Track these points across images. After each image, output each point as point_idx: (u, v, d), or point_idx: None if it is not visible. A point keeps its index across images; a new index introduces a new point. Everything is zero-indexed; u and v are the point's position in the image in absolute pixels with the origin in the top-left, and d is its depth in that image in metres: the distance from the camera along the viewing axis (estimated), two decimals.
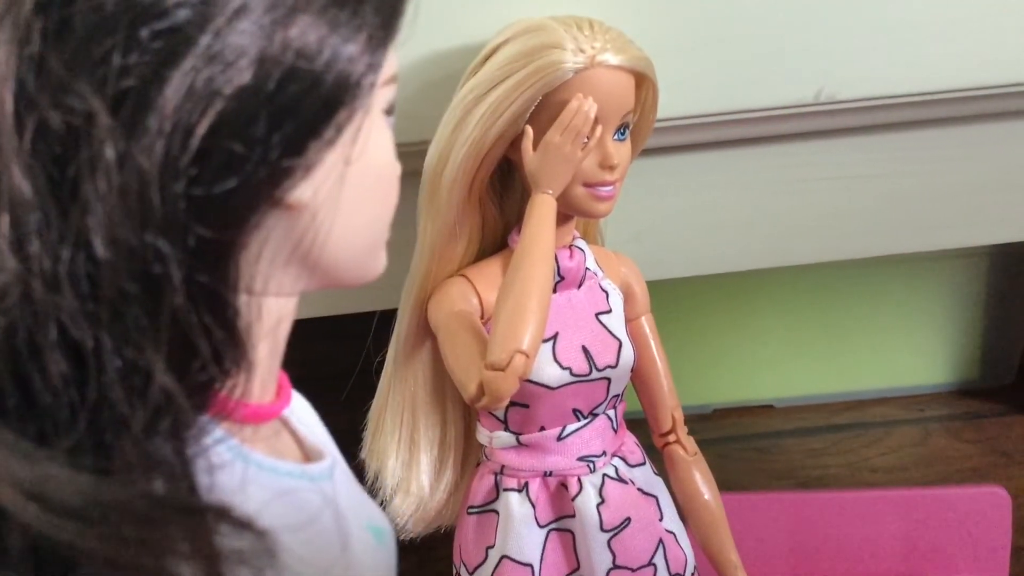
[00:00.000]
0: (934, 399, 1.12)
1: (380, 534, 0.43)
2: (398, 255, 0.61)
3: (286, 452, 0.40)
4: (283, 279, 0.36)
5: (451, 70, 0.58)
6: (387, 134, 0.38)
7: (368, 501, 0.44)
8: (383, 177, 0.38)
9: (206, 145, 0.30)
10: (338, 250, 0.37)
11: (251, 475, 0.35)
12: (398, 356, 0.60)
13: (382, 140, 0.37)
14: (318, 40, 0.32)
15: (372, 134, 0.36)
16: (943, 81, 0.64)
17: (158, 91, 0.29)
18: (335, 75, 0.32)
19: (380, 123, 0.37)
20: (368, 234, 0.38)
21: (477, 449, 0.62)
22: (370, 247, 0.39)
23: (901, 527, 0.82)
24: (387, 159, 0.38)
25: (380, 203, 0.38)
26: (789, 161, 0.68)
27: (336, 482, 0.41)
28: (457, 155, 0.54)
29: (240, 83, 0.30)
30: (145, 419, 0.30)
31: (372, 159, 0.36)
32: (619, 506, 0.58)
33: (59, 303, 0.29)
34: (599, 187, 0.55)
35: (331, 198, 0.35)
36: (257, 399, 0.37)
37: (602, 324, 0.58)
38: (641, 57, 0.54)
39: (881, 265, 1.05)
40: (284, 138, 0.31)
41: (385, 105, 0.37)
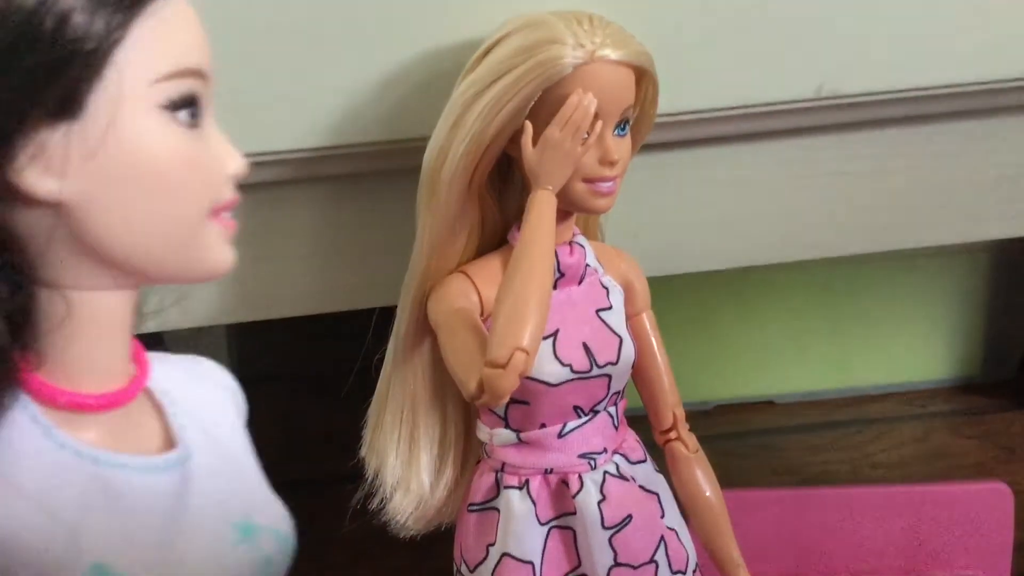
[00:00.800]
0: (935, 395, 1.12)
1: (251, 532, 0.43)
2: (397, 252, 0.62)
3: (136, 440, 0.40)
4: (79, 273, 0.36)
5: (451, 66, 0.57)
6: (162, 130, 0.36)
7: (256, 498, 0.44)
8: (157, 174, 0.36)
9: None
10: (125, 248, 0.36)
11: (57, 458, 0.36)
12: (397, 354, 0.60)
13: (152, 135, 0.36)
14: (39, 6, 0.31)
15: (136, 129, 0.35)
16: (945, 76, 0.64)
17: None
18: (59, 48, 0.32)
19: (151, 116, 0.36)
20: (159, 232, 0.37)
21: (477, 446, 0.62)
22: (170, 242, 0.38)
23: (903, 523, 0.82)
24: (160, 155, 0.36)
25: (161, 201, 0.37)
26: (790, 157, 0.67)
27: (191, 474, 0.41)
28: (456, 151, 0.54)
29: None
30: None
31: (136, 156, 0.35)
32: (620, 503, 0.58)
33: None
34: (599, 183, 0.55)
35: (87, 194, 0.34)
36: (88, 388, 0.37)
37: (603, 321, 0.58)
38: (641, 52, 0.54)
39: (882, 261, 1.05)
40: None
41: (163, 100, 0.36)
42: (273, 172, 0.62)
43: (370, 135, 0.61)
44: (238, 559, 0.42)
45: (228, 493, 0.42)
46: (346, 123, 0.60)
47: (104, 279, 0.37)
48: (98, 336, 0.38)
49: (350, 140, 0.61)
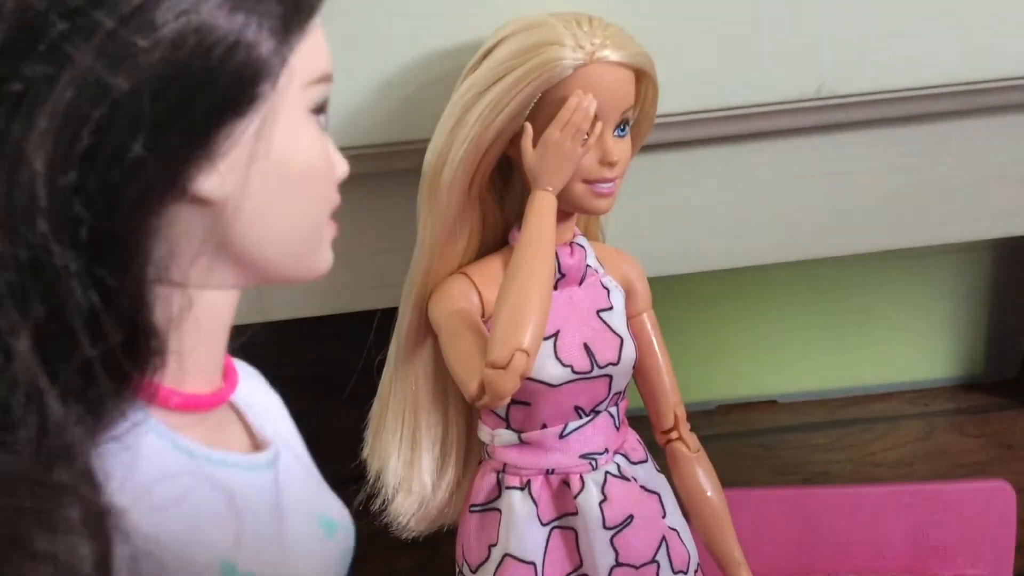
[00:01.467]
0: (938, 394, 1.12)
1: (332, 528, 0.43)
2: (398, 254, 0.62)
3: (229, 441, 0.40)
4: (209, 272, 0.36)
5: (450, 67, 0.57)
6: (311, 133, 0.37)
7: (324, 495, 0.45)
8: (305, 175, 0.37)
9: (98, 135, 0.30)
10: (263, 246, 0.37)
11: (177, 460, 0.36)
12: (399, 355, 0.60)
13: (303, 138, 0.37)
14: (219, 30, 0.32)
15: (291, 132, 0.36)
16: (944, 75, 0.64)
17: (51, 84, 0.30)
18: (235, 67, 0.32)
19: (302, 121, 0.37)
20: (295, 231, 0.38)
21: (479, 447, 0.62)
22: (301, 244, 0.38)
23: (905, 522, 0.82)
24: (309, 157, 0.37)
25: (303, 201, 0.38)
26: (791, 156, 0.67)
27: (281, 472, 0.41)
28: (457, 153, 0.54)
29: (136, 73, 0.30)
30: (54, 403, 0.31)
31: (290, 157, 0.36)
32: (621, 503, 0.58)
33: None
34: (599, 184, 0.55)
35: (244, 194, 0.35)
36: (195, 388, 0.38)
37: (603, 321, 0.58)
38: (641, 53, 0.54)
39: (884, 260, 1.04)
40: (181, 128, 0.32)
41: (311, 104, 0.37)
42: None
43: (370, 137, 0.61)
44: (328, 554, 0.43)
45: (308, 491, 0.43)
46: (346, 125, 0.60)
47: (229, 278, 0.37)
48: (209, 335, 0.38)
49: (350, 142, 0.61)
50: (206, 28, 0.32)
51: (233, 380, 0.41)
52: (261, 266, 0.37)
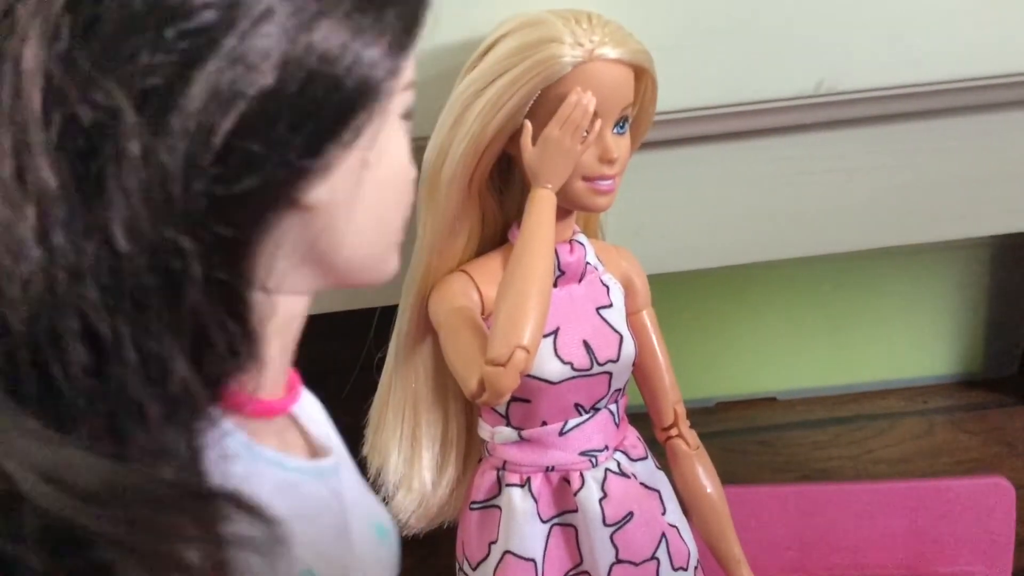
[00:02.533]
0: (937, 391, 1.12)
1: (383, 532, 0.44)
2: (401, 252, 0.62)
3: (293, 447, 0.40)
4: (297, 278, 0.37)
5: (450, 65, 0.57)
6: (404, 138, 0.38)
7: (372, 499, 0.45)
8: (399, 180, 0.38)
9: (228, 145, 0.31)
10: (352, 251, 0.37)
11: (258, 468, 0.36)
12: (399, 353, 0.60)
13: (399, 144, 0.38)
14: (340, 44, 0.32)
15: (390, 138, 0.37)
16: (943, 72, 0.64)
17: (182, 90, 0.30)
18: (355, 79, 0.33)
19: (397, 128, 0.38)
20: (382, 236, 0.38)
21: (479, 445, 0.62)
22: (384, 249, 0.39)
23: (905, 519, 0.82)
24: (403, 163, 0.39)
25: (395, 206, 0.39)
26: (790, 153, 0.67)
27: (342, 479, 0.41)
28: (456, 150, 0.54)
29: (262, 85, 0.31)
30: (161, 409, 0.30)
31: (388, 163, 0.37)
32: (621, 500, 0.58)
33: (81, 294, 0.29)
34: (599, 181, 0.55)
35: (347, 200, 0.36)
36: (268, 395, 0.38)
37: (603, 318, 0.58)
38: (640, 50, 0.54)
39: (883, 257, 1.05)
40: (304, 140, 0.32)
41: (402, 110, 0.38)
42: None
43: None
44: (385, 557, 0.43)
45: (362, 497, 0.43)
46: None
47: (311, 282, 0.38)
48: (285, 339, 0.38)
49: None
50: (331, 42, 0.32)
51: (297, 386, 0.41)
52: (344, 270, 0.38)
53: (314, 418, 0.43)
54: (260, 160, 0.31)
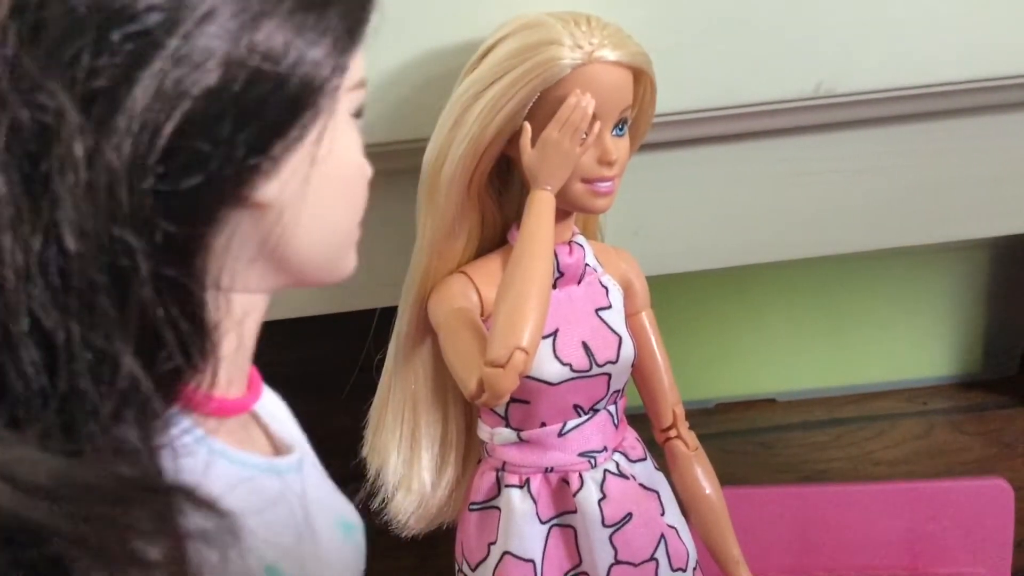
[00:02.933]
0: (936, 392, 1.12)
1: (349, 529, 0.44)
2: (398, 253, 0.62)
3: (254, 445, 0.41)
4: (250, 275, 0.37)
5: (449, 66, 0.58)
6: (354, 136, 0.38)
7: (338, 497, 0.45)
8: (349, 178, 0.38)
9: (173, 144, 0.31)
10: (305, 249, 0.37)
11: (215, 464, 0.36)
12: (399, 354, 0.60)
13: (349, 142, 0.38)
14: (284, 44, 0.33)
15: (338, 136, 0.37)
16: (942, 74, 0.64)
17: (127, 91, 0.30)
18: (300, 78, 0.33)
19: (347, 126, 0.38)
20: (335, 234, 0.39)
21: (478, 446, 0.62)
22: (338, 247, 0.39)
23: (904, 520, 0.82)
24: (354, 161, 0.39)
25: (347, 204, 0.39)
26: (789, 155, 0.68)
27: (304, 476, 0.41)
28: (456, 152, 0.54)
29: (207, 84, 0.31)
30: (113, 406, 0.31)
31: (338, 160, 0.37)
32: (620, 501, 0.58)
33: (31, 293, 0.30)
34: (598, 183, 0.55)
35: (297, 197, 0.36)
36: (224, 392, 0.38)
37: (602, 320, 0.58)
38: (639, 53, 0.54)
39: (882, 258, 1.05)
40: (250, 138, 0.33)
41: (353, 108, 0.38)
42: None
43: (369, 136, 0.60)
44: (350, 554, 0.43)
45: (327, 494, 0.43)
46: None
47: (267, 281, 0.38)
48: (244, 338, 0.38)
49: None
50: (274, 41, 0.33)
51: (258, 385, 0.41)
52: (298, 268, 0.38)
53: (276, 416, 0.43)
54: (206, 158, 0.32)
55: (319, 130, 0.35)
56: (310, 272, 0.39)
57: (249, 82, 0.32)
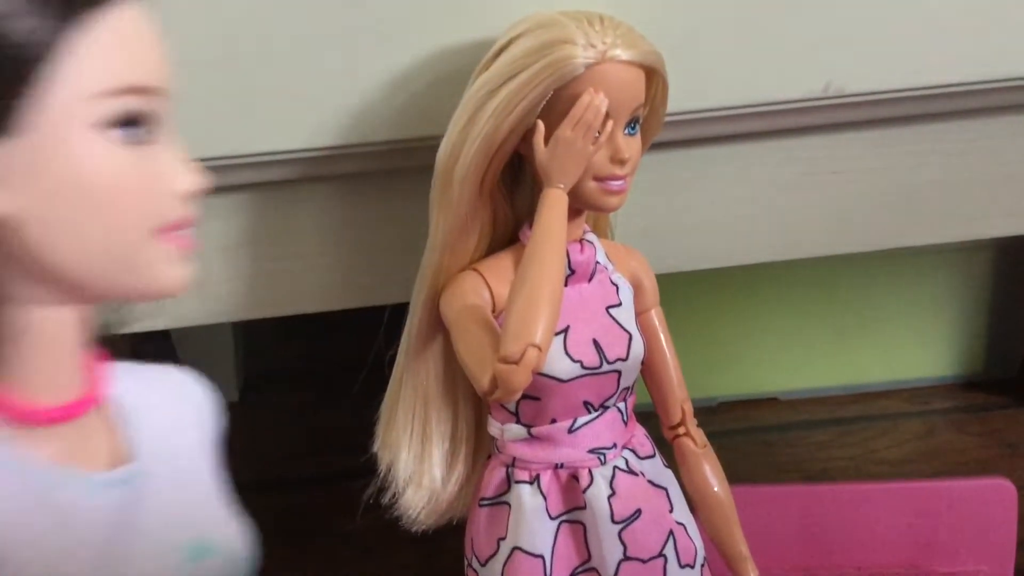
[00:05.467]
0: (939, 392, 1.13)
1: (202, 552, 0.42)
2: (406, 250, 0.62)
3: (85, 455, 0.39)
4: (24, 288, 0.36)
5: (462, 65, 0.58)
6: (99, 146, 0.35)
7: (210, 518, 0.43)
8: (92, 190, 0.35)
9: None
10: (66, 262, 0.36)
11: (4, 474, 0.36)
12: (410, 350, 0.60)
13: (91, 153, 0.35)
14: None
15: (74, 143, 0.35)
16: (950, 75, 0.64)
17: None
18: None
19: (87, 134, 0.35)
20: (98, 251, 0.36)
21: (488, 442, 0.62)
22: (112, 263, 0.37)
23: (907, 519, 0.83)
24: (99, 172, 0.35)
25: (97, 217, 0.36)
26: (797, 155, 0.68)
27: (140, 490, 0.40)
28: (469, 150, 0.54)
29: None
30: None
31: (72, 170, 0.35)
32: (629, 498, 0.59)
33: None
34: (610, 181, 0.55)
35: (31, 209, 0.34)
36: (31, 400, 0.37)
37: (612, 317, 0.59)
38: (651, 52, 0.54)
39: (886, 258, 1.05)
40: None
41: (101, 118, 0.35)
42: (285, 171, 0.62)
43: (382, 134, 0.61)
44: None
45: (181, 512, 0.42)
46: (358, 122, 0.61)
47: (50, 294, 0.37)
48: (47, 350, 0.38)
49: (362, 139, 0.61)
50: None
51: (92, 394, 0.40)
52: (76, 283, 0.37)
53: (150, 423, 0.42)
54: None
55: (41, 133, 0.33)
56: (100, 288, 0.37)
57: None
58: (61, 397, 0.39)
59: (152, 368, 0.45)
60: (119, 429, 0.41)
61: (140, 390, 0.43)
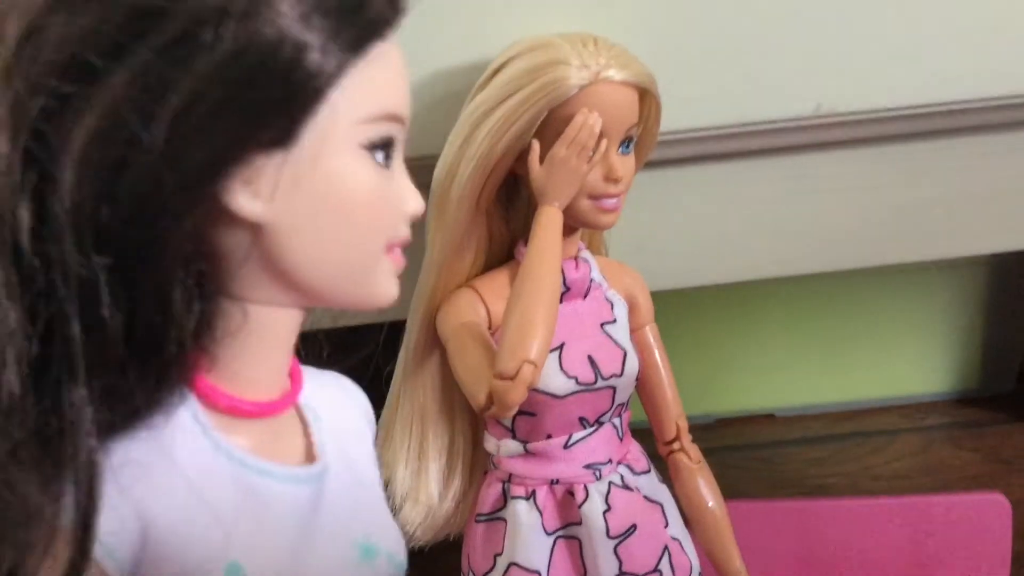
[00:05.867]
0: (935, 408, 1.13)
1: (371, 553, 0.43)
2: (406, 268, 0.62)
3: (281, 451, 0.41)
4: (259, 289, 0.38)
5: (458, 86, 0.59)
6: (361, 168, 0.38)
7: (376, 520, 0.45)
8: (348, 208, 0.38)
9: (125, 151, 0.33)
10: (305, 271, 0.38)
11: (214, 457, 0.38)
12: (407, 367, 0.61)
13: (351, 172, 0.37)
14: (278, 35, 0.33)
15: (337, 164, 0.37)
16: (941, 94, 0.65)
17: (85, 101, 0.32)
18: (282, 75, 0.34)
19: (351, 155, 0.37)
20: (339, 261, 0.38)
21: (485, 458, 0.63)
22: (349, 274, 0.39)
23: (903, 535, 0.83)
24: (353, 191, 0.38)
25: (346, 233, 0.38)
26: (789, 173, 0.69)
27: (324, 489, 0.42)
28: (465, 169, 0.55)
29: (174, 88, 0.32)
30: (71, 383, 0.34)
31: (336, 188, 0.37)
32: (625, 513, 0.59)
33: None
34: (604, 199, 0.56)
35: (288, 218, 0.36)
36: (240, 393, 0.39)
37: (607, 334, 0.59)
38: (644, 72, 0.55)
39: (881, 275, 1.05)
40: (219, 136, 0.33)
41: (364, 141, 0.37)
42: None
43: None
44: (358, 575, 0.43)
45: (355, 512, 0.43)
46: None
47: (283, 297, 0.39)
48: (266, 348, 0.39)
49: None
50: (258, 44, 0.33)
51: (292, 394, 0.42)
52: (311, 289, 0.39)
53: (330, 426, 0.44)
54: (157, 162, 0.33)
55: (311, 151, 0.36)
56: (325, 295, 0.39)
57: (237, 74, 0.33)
58: (267, 393, 0.40)
59: (329, 374, 0.47)
60: (306, 427, 0.43)
61: (323, 394, 0.45)
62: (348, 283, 0.39)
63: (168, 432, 0.36)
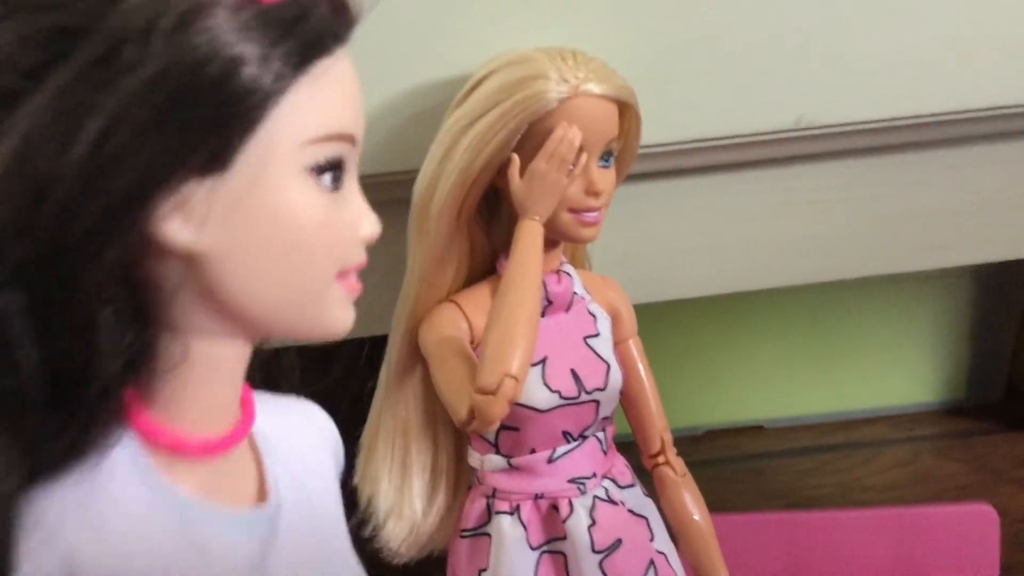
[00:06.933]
0: (923, 418, 1.13)
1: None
2: (386, 283, 0.62)
3: (231, 490, 0.39)
4: (201, 321, 0.36)
5: (438, 100, 0.59)
6: (303, 193, 0.35)
7: (335, 555, 0.43)
8: (292, 232, 0.35)
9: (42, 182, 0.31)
10: (251, 299, 0.36)
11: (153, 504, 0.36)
12: (389, 381, 0.61)
13: (296, 196, 0.35)
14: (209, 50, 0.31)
15: (280, 186, 0.34)
16: (920, 107, 0.65)
17: None
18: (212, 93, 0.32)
19: (295, 178, 0.35)
20: (282, 290, 0.36)
21: (469, 473, 0.62)
22: (293, 304, 0.37)
23: (891, 545, 0.83)
24: (300, 216, 0.35)
25: (291, 257, 0.36)
26: (772, 185, 0.69)
27: (278, 529, 0.40)
28: (445, 183, 0.55)
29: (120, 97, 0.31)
30: None
31: (275, 211, 0.35)
32: (610, 527, 0.59)
33: None
34: (585, 213, 0.56)
35: (225, 247, 0.34)
36: (189, 432, 0.37)
37: (590, 347, 0.59)
38: (624, 86, 0.55)
39: (868, 286, 1.06)
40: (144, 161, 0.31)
41: (310, 163, 0.35)
42: None
43: (360, 168, 0.62)
44: None
45: (310, 553, 0.41)
46: None
47: (226, 328, 0.36)
48: (211, 382, 0.37)
49: None
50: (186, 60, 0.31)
51: (242, 428, 0.40)
52: (250, 320, 0.36)
53: (287, 457, 0.42)
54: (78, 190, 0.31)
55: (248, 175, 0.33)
56: (272, 326, 0.37)
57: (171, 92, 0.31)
58: (214, 429, 0.38)
59: (288, 400, 0.45)
60: (260, 461, 0.41)
61: (279, 422, 0.43)
62: (294, 313, 0.37)
63: (104, 474, 0.34)
